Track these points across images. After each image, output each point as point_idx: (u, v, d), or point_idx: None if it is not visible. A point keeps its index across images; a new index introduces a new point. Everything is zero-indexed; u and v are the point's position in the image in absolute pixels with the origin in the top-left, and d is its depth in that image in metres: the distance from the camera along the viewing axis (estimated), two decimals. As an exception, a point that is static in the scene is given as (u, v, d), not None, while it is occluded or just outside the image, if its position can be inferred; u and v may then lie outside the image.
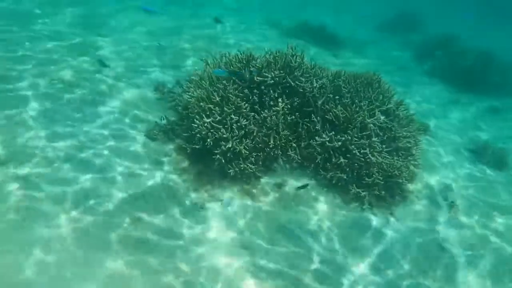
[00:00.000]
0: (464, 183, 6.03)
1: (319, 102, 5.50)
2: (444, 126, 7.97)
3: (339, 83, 5.75)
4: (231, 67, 5.45)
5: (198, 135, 4.96)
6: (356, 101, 5.55)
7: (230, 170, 4.89)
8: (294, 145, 5.27)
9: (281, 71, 5.33)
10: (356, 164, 5.10)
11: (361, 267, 4.31)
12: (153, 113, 5.99)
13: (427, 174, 5.94)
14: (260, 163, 5.12)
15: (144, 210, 4.38)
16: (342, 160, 5.04)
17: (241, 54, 5.54)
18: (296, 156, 5.21)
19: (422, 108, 8.50)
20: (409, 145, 5.46)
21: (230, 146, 4.82)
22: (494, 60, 10.57)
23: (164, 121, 5.63)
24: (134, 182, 4.71)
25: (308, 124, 5.40)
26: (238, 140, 4.90)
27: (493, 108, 9.31)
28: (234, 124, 4.96)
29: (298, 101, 5.40)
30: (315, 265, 4.24)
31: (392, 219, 4.97)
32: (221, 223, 4.47)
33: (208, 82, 5.23)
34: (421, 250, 4.65)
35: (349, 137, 5.14)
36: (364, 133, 5.24)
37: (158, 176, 4.89)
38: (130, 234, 4.08)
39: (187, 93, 5.43)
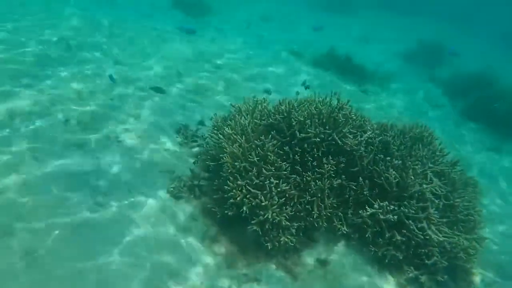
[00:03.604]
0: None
1: (365, 162, 4.82)
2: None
3: (387, 138, 5.07)
4: (269, 119, 4.78)
5: (231, 199, 4.28)
6: (409, 163, 4.85)
7: (268, 244, 4.18)
8: (340, 214, 4.56)
9: (326, 127, 4.66)
10: (413, 242, 4.37)
11: None
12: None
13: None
14: (301, 234, 4.41)
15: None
16: (398, 237, 4.32)
17: (280, 103, 4.89)
18: (342, 227, 4.49)
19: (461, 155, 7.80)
20: (472, 218, 4.72)
21: (269, 216, 4.11)
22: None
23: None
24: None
25: (355, 188, 4.70)
26: (278, 209, 4.20)
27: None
28: (274, 189, 4.27)
29: (344, 161, 4.71)
30: None
31: (455, 310, 4.23)
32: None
33: (243, 137, 4.56)
34: None
35: (406, 209, 4.44)
36: (421, 204, 4.53)
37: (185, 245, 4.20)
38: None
39: (219, 145, 4.78)
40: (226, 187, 4.31)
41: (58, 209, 4.18)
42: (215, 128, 5.35)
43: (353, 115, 4.86)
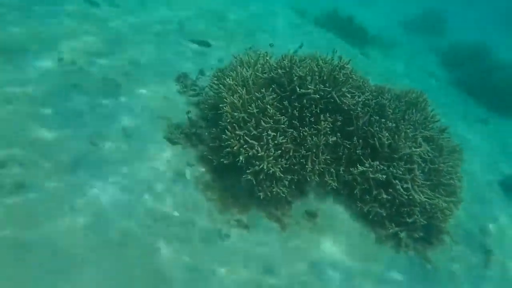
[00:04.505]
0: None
1: (361, 122, 4.95)
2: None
3: (383, 101, 5.17)
4: (271, 73, 4.81)
5: (228, 148, 4.40)
6: (402, 126, 5.01)
7: (261, 193, 4.36)
8: (332, 170, 4.74)
9: (326, 84, 4.73)
10: (397, 201, 4.61)
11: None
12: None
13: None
14: (293, 186, 4.60)
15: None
16: (384, 195, 4.54)
17: (283, 58, 4.90)
18: (333, 183, 4.69)
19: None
20: (453, 182, 4.97)
21: (264, 167, 4.26)
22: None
23: (190, 114, 5.05)
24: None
25: (349, 146, 4.86)
26: (273, 161, 4.35)
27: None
28: (271, 141, 4.39)
29: (341, 120, 4.83)
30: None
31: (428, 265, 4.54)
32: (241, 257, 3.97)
33: (244, 88, 4.60)
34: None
35: (394, 170, 4.64)
36: (409, 166, 4.73)
37: (178, 190, 4.34)
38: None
39: (218, 95, 4.82)
40: (224, 136, 4.41)
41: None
42: (215, 78, 5.37)
43: (353, 75, 4.91)
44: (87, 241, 3.48)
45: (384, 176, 4.58)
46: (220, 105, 4.60)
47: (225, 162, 4.46)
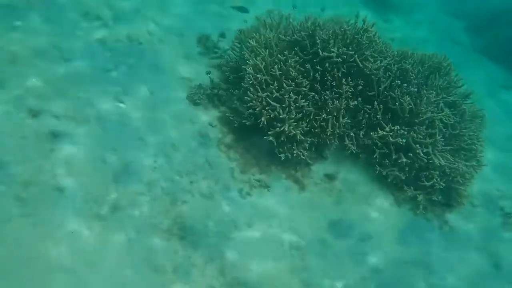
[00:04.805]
0: None
1: (382, 87, 4.93)
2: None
3: (406, 66, 5.11)
4: (294, 35, 4.78)
5: (250, 110, 4.46)
6: (424, 91, 4.97)
7: (281, 155, 4.45)
8: (352, 134, 4.78)
9: (349, 48, 4.69)
10: (416, 165, 4.66)
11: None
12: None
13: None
14: (313, 149, 4.67)
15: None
16: (404, 159, 4.59)
17: (306, 20, 4.85)
18: (352, 147, 4.75)
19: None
20: (474, 147, 4.97)
21: (285, 129, 4.33)
22: None
23: (210, 75, 5.11)
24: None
25: (369, 111, 4.87)
26: (294, 123, 4.41)
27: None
28: (292, 104, 4.44)
29: (362, 84, 4.81)
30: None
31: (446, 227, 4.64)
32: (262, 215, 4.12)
33: (267, 50, 4.60)
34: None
35: (415, 134, 4.65)
36: (430, 130, 4.74)
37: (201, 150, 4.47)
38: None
39: (240, 57, 4.84)
40: (246, 97, 4.47)
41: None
42: (237, 41, 5.36)
43: (376, 39, 4.86)
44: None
45: (404, 141, 4.60)
46: (243, 67, 4.63)
47: (247, 123, 4.54)
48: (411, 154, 4.63)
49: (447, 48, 9.24)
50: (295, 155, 4.45)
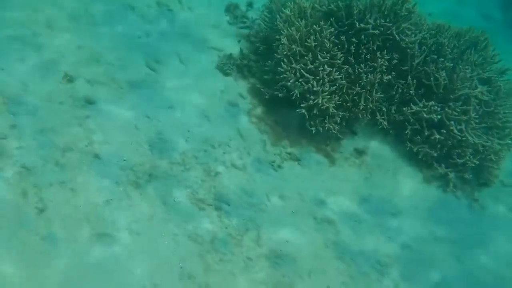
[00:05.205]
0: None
1: (416, 61, 4.80)
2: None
3: (442, 40, 4.95)
4: (330, 5, 4.63)
5: (283, 81, 4.39)
6: (460, 67, 4.83)
7: (312, 128, 4.41)
8: (384, 109, 4.71)
9: (387, 19, 4.54)
10: (449, 142, 4.59)
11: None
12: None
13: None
14: (344, 123, 4.62)
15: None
16: (437, 136, 4.52)
17: (342, -10, 4.68)
18: (384, 122, 4.68)
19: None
20: (508, 125, 4.87)
21: (319, 101, 4.27)
22: None
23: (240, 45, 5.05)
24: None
25: (402, 86, 4.77)
26: (328, 96, 4.34)
27: None
28: (326, 76, 4.35)
29: (397, 58, 4.69)
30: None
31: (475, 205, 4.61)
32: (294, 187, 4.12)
33: (303, 21, 4.47)
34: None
35: (449, 110, 4.56)
36: (465, 107, 4.64)
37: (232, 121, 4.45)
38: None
39: (271, 28, 4.72)
40: (279, 69, 4.39)
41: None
42: (267, 10, 5.21)
43: (415, 10, 4.69)
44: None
45: (439, 117, 4.52)
46: (277, 37, 4.52)
47: (279, 95, 4.49)
48: (444, 131, 4.56)
49: (478, 23, 8.95)
50: (326, 129, 4.41)
